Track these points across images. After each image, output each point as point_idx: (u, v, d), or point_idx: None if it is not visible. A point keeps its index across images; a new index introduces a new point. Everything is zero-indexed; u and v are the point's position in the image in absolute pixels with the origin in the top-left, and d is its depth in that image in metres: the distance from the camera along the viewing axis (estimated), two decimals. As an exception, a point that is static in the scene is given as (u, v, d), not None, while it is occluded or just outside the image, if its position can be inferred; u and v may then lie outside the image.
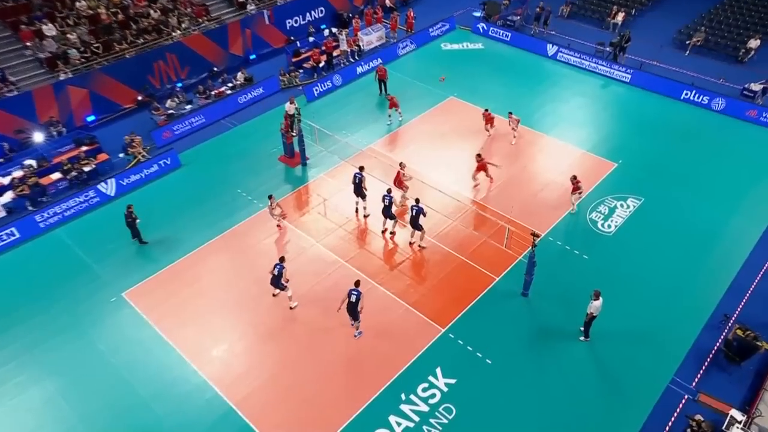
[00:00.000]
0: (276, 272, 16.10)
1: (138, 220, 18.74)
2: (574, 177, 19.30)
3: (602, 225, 19.36)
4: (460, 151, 22.82)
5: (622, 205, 20.09)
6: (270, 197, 19.01)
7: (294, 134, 22.15)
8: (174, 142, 23.92)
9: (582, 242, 18.71)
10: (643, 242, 18.67)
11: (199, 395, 14.73)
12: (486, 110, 22.89)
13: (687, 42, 30.06)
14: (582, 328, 15.62)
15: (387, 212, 18.48)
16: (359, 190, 19.29)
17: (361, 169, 19.20)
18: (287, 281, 16.28)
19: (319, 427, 13.93)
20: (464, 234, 19.20)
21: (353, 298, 15.11)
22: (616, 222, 19.44)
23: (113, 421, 14.28)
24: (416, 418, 14.07)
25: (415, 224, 17.83)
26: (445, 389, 14.70)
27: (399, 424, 13.97)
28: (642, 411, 14.17)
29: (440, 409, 14.26)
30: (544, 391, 14.63)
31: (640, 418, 14.02)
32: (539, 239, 16.42)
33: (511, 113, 22.73)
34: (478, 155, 20.38)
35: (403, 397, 14.55)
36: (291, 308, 16.73)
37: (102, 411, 14.48)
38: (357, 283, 15.35)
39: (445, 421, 14.03)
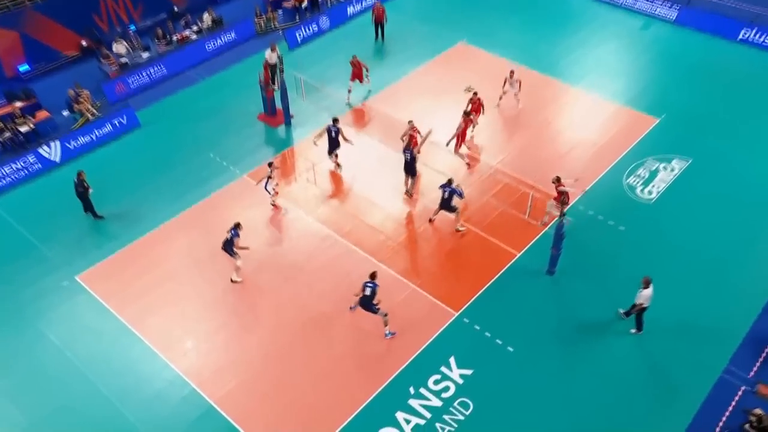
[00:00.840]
0: (229, 236, 16.85)
1: (91, 190, 19.07)
2: (558, 179, 18.41)
3: (641, 191, 19.93)
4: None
5: (665, 168, 20.68)
6: (270, 165, 19.21)
7: (275, 87, 22.67)
8: (130, 98, 24.36)
9: (618, 211, 19.25)
10: (691, 211, 19.25)
11: (174, 392, 15.23)
12: (475, 93, 21.64)
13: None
14: (621, 311, 16.27)
15: (410, 168, 19.23)
16: (334, 145, 19.97)
17: (335, 121, 19.84)
18: (241, 249, 17.01)
19: (316, 427, 14.46)
20: (479, 202, 19.81)
21: (368, 291, 15.50)
22: (658, 187, 20.02)
23: (72, 424, 14.73)
24: (428, 415, 14.60)
25: (448, 206, 18.25)
26: (461, 381, 15.24)
27: (408, 422, 14.49)
28: (691, 405, 14.70)
29: (455, 404, 14.80)
30: (576, 382, 15.25)
31: (689, 412, 14.56)
32: (568, 207, 16.93)
33: (512, 72, 22.61)
34: (467, 112, 20.51)
35: (411, 390, 15.07)
36: (232, 280, 17.49)
37: (58, 413, 14.89)
38: (373, 276, 15.68)
39: (461, 417, 14.56)
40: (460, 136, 20.55)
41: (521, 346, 15.99)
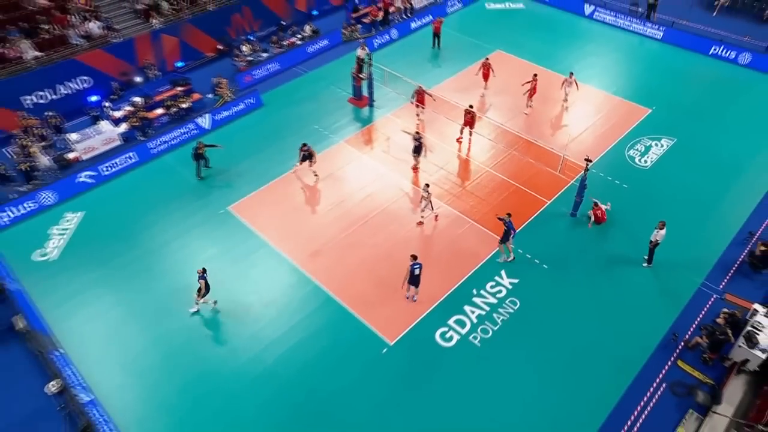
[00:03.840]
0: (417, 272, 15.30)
1: (215, 147, 20.11)
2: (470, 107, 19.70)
3: (639, 160, 20.45)
4: (512, 95, 23.90)
5: (656, 144, 21.10)
6: (426, 186, 17.78)
7: (363, 77, 23.19)
8: (255, 85, 25.09)
9: (622, 174, 19.83)
10: (677, 175, 19.72)
11: (302, 287, 16.38)
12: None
13: (715, 3, 30.27)
14: (645, 257, 16.76)
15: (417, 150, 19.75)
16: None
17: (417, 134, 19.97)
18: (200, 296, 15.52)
19: (405, 312, 15.63)
20: (519, 163, 20.48)
21: (417, 272, 15.16)
22: (652, 158, 20.51)
23: (228, 300, 16.01)
24: (487, 308, 15.69)
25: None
26: (510, 286, 16.26)
27: (473, 312, 15.60)
28: (676, 307, 15.66)
29: (506, 302, 15.86)
30: (590, 287, 16.25)
31: (675, 311, 15.55)
32: (592, 164, 17.56)
33: (572, 73, 22.44)
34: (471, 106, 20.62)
35: (474, 292, 16.10)
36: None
37: (224, 297, 16.06)
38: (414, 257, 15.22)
39: (512, 310, 15.66)
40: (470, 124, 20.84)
41: (553, 265, 16.83)
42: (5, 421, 13.42)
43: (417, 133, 19.95)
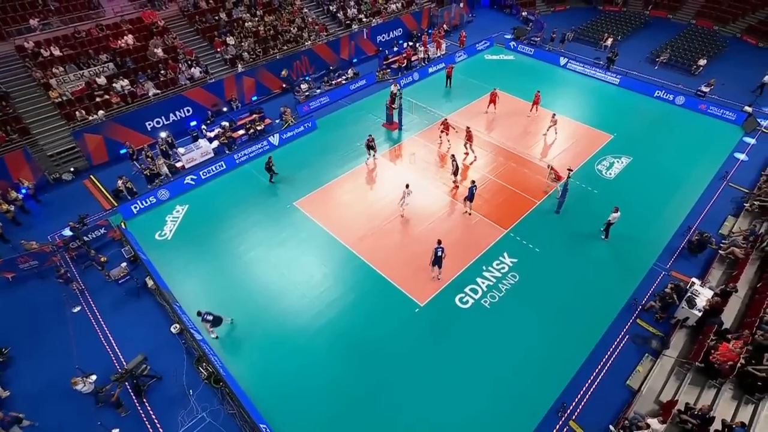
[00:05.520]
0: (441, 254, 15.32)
1: (273, 165, 20.45)
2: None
3: (605, 173, 20.84)
4: (506, 123, 24.45)
5: (618, 161, 21.46)
6: (407, 186, 18.11)
7: (395, 107, 23.67)
8: (311, 113, 25.71)
9: (592, 182, 20.21)
10: (634, 184, 20.06)
11: (352, 262, 16.84)
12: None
13: (656, 59, 30.92)
14: (602, 229, 17.51)
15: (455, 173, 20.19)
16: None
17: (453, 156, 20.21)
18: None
19: (431, 282, 16.05)
20: (516, 173, 20.93)
21: (440, 253, 15.25)
22: (615, 171, 20.88)
23: (302, 271, 16.57)
24: (493, 280, 16.13)
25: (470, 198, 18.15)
26: (511, 264, 16.67)
27: (483, 282, 16.04)
28: (635, 280, 16.17)
29: (509, 275, 16.28)
30: (571, 266, 16.62)
31: (635, 283, 16.06)
32: (573, 172, 18.04)
33: (554, 114, 22.48)
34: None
35: (484, 268, 16.51)
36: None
37: (287, 270, 16.70)
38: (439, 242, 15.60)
39: (513, 281, 16.10)
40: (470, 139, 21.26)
41: (542, 248, 17.20)
42: (147, 348, 14.22)
43: (452, 156, 20.33)
